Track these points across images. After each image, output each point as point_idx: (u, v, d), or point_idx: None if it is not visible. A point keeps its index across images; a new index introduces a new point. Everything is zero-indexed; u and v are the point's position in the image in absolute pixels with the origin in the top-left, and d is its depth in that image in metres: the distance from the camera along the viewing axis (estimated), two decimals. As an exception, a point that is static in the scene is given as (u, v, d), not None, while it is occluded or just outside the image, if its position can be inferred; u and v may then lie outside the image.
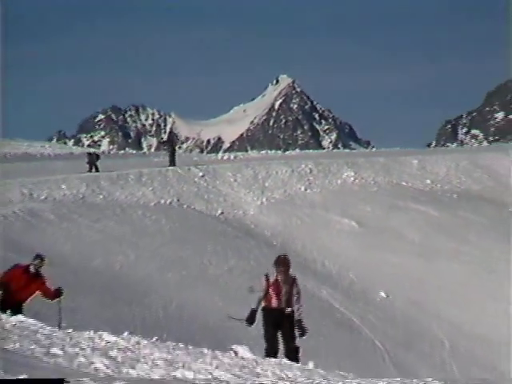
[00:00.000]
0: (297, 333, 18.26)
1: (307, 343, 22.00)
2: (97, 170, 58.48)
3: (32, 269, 24.47)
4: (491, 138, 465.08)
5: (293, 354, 17.48)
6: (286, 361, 16.00)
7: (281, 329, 17.87)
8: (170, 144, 63.94)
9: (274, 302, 17.90)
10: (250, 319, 18.54)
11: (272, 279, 18.17)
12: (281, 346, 18.55)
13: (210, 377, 11.23)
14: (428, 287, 39.99)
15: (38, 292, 24.34)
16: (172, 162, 60.68)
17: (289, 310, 17.99)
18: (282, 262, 18.32)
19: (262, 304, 18.24)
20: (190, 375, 11.25)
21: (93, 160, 58.97)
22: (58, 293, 24.53)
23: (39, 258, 25.11)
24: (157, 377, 11.15)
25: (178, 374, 11.30)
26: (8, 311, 22.83)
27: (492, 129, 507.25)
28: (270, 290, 17.96)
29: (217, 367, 12.43)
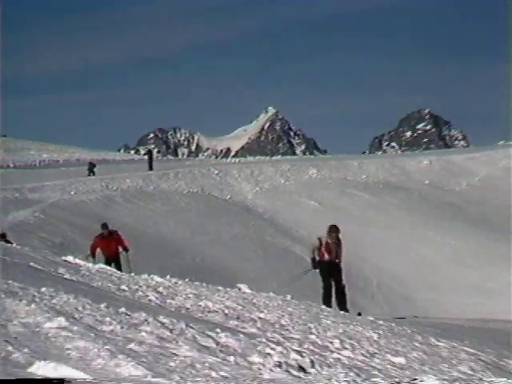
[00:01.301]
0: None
1: (281, 287, 21.98)
2: (93, 175, 58.29)
3: (105, 234, 24.84)
4: (403, 148, 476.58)
5: (341, 292, 17.61)
6: (272, 294, 15.88)
7: (332, 275, 17.64)
8: (150, 157, 64.95)
9: (327, 257, 17.70)
10: (314, 265, 18.20)
11: (324, 241, 17.96)
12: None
13: (222, 305, 11.23)
14: (364, 244, 40.98)
15: (119, 246, 24.64)
16: (150, 169, 61.19)
17: (337, 261, 17.92)
18: (334, 230, 18.31)
19: (317, 258, 17.97)
20: (209, 304, 11.26)
21: (91, 168, 58.99)
22: (126, 248, 24.68)
23: (104, 225, 25.56)
24: (188, 306, 11.07)
25: (202, 303, 11.31)
26: (111, 264, 22.65)
27: (403, 143, 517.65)
28: (323, 248, 17.77)
29: (227, 299, 12.44)
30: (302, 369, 7.36)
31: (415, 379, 6.57)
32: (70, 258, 17.80)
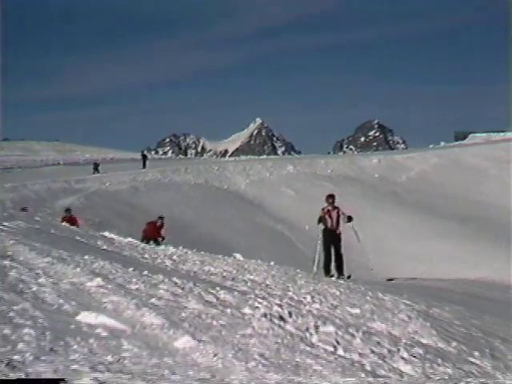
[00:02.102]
0: (347, 219, 16.92)
1: (266, 256, 21.84)
2: (98, 172, 54.84)
3: (158, 223, 24.95)
4: (358, 150, 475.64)
5: (340, 259, 16.19)
6: (259, 261, 15.91)
7: (332, 243, 16.22)
8: (143, 158, 61.51)
9: (329, 224, 16.32)
10: (319, 221, 16.61)
11: (326, 209, 16.64)
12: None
13: (221, 269, 11.26)
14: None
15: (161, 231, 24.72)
16: (144, 167, 58.70)
17: (338, 231, 16.49)
18: (329, 196, 17.07)
19: (322, 226, 16.52)
20: (211, 268, 11.30)
21: (96, 166, 55.48)
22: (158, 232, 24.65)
23: (160, 217, 25.45)
24: (195, 269, 11.08)
25: (206, 268, 11.36)
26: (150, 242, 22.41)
27: (359, 146, 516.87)
28: (326, 216, 16.44)
29: (225, 264, 12.46)
30: (282, 318, 7.40)
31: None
32: (106, 234, 17.85)
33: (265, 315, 7.37)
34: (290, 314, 7.62)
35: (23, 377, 4.96)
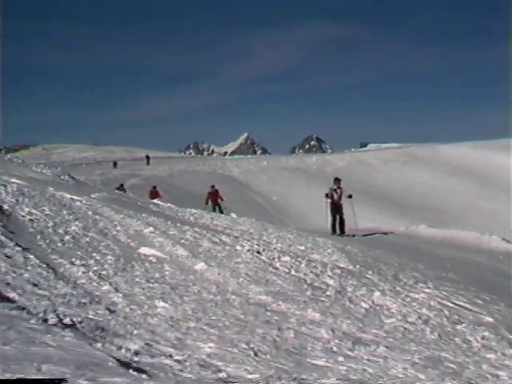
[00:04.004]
0: (347, 196, 13.97)
1: (250, 215, 21.31)
2: (149, 164, 50.05)
3: (211, 189, 22.46)
4: (304, 153, 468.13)
5: (341, 222, 13.61)
6: (246, 218, 15.39)
7: (337, 211, 13.60)
8: (147, 159, 53.51)
9: (335, 198, 13.62)
10: (327, 196, 13.92)
11: (332, 188, 13.91)
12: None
13: (223, 223, 10.75)
14: (287, 195, 39.29)
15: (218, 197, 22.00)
16: (148, 164, 50.90)
17: (340, 203, 13.71)
18: (336, 180, 14.19)
19: (329, 200, 13.94)
20: (218, 222, 10.65)
21: (115, 164, 48.78)
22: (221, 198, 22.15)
23: (212, 186, 22.50)
24: (207, 223, 10.44)
25: (214, 222, 10.73)
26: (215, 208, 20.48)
27: (305, 150, 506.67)
28: (333, 192, 13.72)
29: (225, 220, 11.90)
30: (258, 252, 7.43)
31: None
32: (155, 201, 17.66)
33: (248, 250, 7.41)
34: (264, 250, 7.66)
35: (107, 285, 4.98)
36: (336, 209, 13.72)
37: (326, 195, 14.15)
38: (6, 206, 6.99)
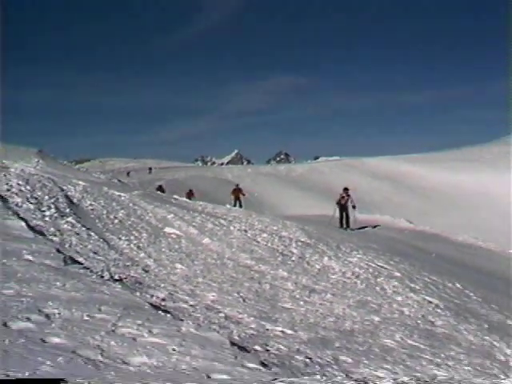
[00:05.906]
0: (352, 207, 12.19)
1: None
2: (150, 173, 43.43)
3: (236, 187, 20.41)
4: (276, 163, 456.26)
5: (347, 219, 11.98)
6: (236, 208, 15.00)
7: (344, 211, 11.98)
8: (150, 170, 46.73)
9: (343, 201, 11.91)
10: (337, 203, 12.31)
11: (341, 195, 12.12)
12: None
13: (220, 211, 10.38)
14: (267, 194, 36.74)
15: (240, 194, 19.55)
16: (150, 173, 43.68)
17: (346, 205, 12.03)
18: (345, 189, 12.56)
19: (338, 205, 12.12)
20: (217, 211, 10.06)
21: (128, 172, 41.58)
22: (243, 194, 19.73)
23: (237, 185, 19.93)
24: (210, 211, 9.72)
25: (215, 210, 9.97)
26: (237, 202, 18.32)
27: (276, 161, 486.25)
28: (341, 198, 12.01)
29: (222, 209, 11.34)
30: (245, 231, 7.41)
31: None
32: (176, 196, 17.21)
33: (238, 229, 7.40)
34: (249, 229, 7.65)
35: (142, 253, 4.96)
36: (343, 209, 12.43)
37: (337, 202, 12.47)
38: (75, 200, 6.89)
